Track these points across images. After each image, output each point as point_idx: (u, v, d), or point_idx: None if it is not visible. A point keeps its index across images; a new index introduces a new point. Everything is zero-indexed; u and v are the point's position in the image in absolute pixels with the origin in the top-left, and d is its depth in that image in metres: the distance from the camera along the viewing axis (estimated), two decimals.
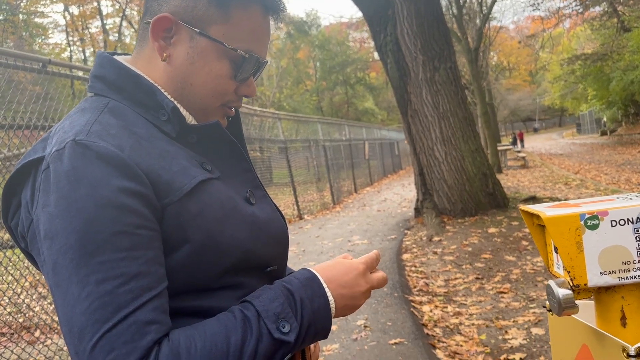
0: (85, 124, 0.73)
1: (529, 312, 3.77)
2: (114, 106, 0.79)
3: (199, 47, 0.81)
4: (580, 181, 12.07)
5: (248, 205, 0.84)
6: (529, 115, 65.12)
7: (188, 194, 0.74)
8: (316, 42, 39.35)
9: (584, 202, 1.05)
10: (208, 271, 0.75)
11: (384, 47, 7.49)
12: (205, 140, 0.84)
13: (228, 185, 0.83)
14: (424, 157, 7.50)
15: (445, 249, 5.96)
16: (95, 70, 0.83)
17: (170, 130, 0.80)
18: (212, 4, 0.80)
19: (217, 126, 0.83)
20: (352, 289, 0.84)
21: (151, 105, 0.80)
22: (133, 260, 0.66)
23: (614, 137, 29.13)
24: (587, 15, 27.25)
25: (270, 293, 0.76)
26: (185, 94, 0.84)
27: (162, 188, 0.72)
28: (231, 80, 0.85)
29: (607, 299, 0.99)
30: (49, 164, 0.70)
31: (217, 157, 0.85)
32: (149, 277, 0.67)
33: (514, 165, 18.76)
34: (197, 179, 0.76)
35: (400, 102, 7.63)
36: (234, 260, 0.78)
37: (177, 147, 0.79)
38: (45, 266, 0.69)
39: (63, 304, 0.66)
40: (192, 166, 0.78)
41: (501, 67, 44.47)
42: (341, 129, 16.53)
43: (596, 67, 27.72)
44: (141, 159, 0.72)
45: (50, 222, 0.67)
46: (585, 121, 43.56)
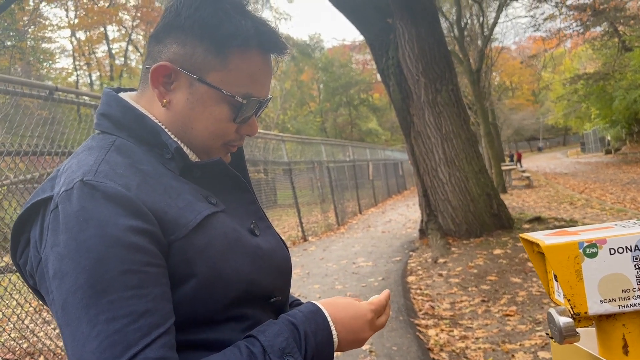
0: (93, 164, 0.75)
1: (536, 336, 3.73)
2: (120, 144, 0.81)
3: (198, 93, 0.83)
4: (585, 200, 12.01)
5: (252, 237, 0.86)
6: (532, 135, 65.15)
7: (194, 229, 0.76)
8: (320, 65, 39.77)
9: (582, 229, 1.06)
10: (213, 304, 0.77)
11: (386, 70, 7.58)
12: (208, 175, 0.86)
13: (232, 217, 0.85)
14: (428, 178, 7.51)
15: (450, 271, 5.92)
16: (102, 109, 0.86)
17: (174, 167, 0.82)
18: (210, 52, 0.82)
19: (219, 163, 0.86)
20: (357, 334, 0.86)
21: (155, 143, 0.83)
22: (141, 298, 0.68)
23: (619, 156, 29.06)
24: (588, 35, 27.46)
25: (275, 328, 0.78)
26: (187, 135, 0.86)
27: (168, 225, 0.74)
28: (231, 123, 0.86)
29: (609, 327, 0.99)
30: (57, 204, 0.71)
31: (222, 190, 0.87)
32: (157, 314, 0.69)
33: (518, 185, 18.70)
34: (203, 214, 0.78)
35: (403, 124, 7.68)
36: (238, 292, 0.79)
37: (182, 182, 0.82)
38: (54, 305, 0.70)
39: (73, 342, 0.67)
40: (198, 200, 0.80)
41: (504, 87, 44.66)
42: (345, 150, 16.60)
43: (599, 86, 27.81)
44: (147, 196, 0.74)
45: (59, 261, 0.68)
46: (589, 140, 43.53)
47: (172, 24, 0.83)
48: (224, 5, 0.83)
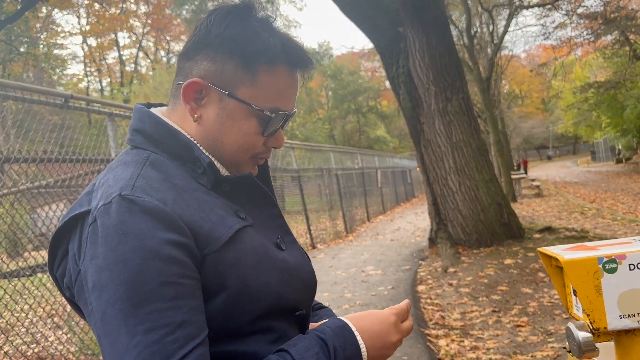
0: (130, 179, 0.77)
1: (547, 347, 3.69)
2: (154, 159, 0.83)
3: (228, 108, 0.86)
4: (596, 210, 11.91)
5: (279, 251, 0.88)
6: (542, 143, 64.76)
7: (226, 243, 0.78)
8: (328, 72, 39.91)
9: (601, 244, 1.06)
10: (242, 317, 0.79)
11: (396, 78, 7.59)
12: (237, 189, 0.88)
13: (260, 231, 0.87)
14: (438, 187, 7.49)
15: (461, 281, 5.89)
16: (135, 124, 0.88)
17: (205, 182, 0.85)
18: (240, 68, 0.85)
19: (249, 178, 0.88)
20: (384, 339, 0.87)
21: (188, 158, 0.85)
22: (178, 310, 0.70)
23: (630, 165, 28.81)
24: (599, 44, 27.32)
25: (306, 342, 0.79)
26: (217, 149, 0.88)
27: (202, 239, 0.76)
28: (259, 136, 0.89)
29: (628, 342, 0.99)
30: (95, 217, 0.74)
31: (249, 204, 0.90)
32: (193, 325, 0.71)
33: (528, 194, 18.59)
34: (234, 228, 0.80)
35: (413, 132, 7.68)
36: (266, 305, 0.81)
37: (214, 197, 0.84)
38: (94, 316, 0.72)
39: (111, 353, 0.69)
40: (228, 215, 0.82)
41: (513, 95, 44.52)
42: (353, 157, 16.61)
43: (609, 94, 27.64)
44: (182, 211, 0.76)
45: (98, 274, 0.71)
46: (600, 149, 43.18)
47: (203, 41, 0.86)
48: (253, 23, 0.85)
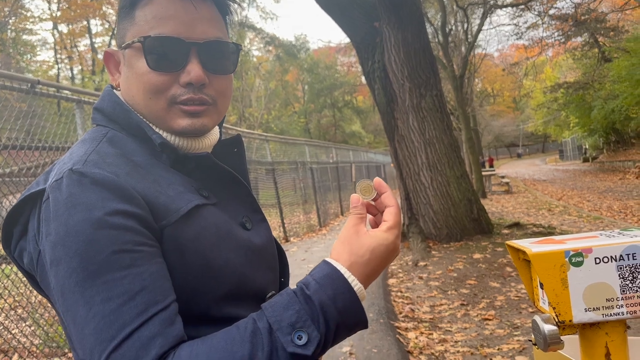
0: (83, 154, 0.76)
1: (514, 340, 3.77)
2: (112, 136, 0.82)
3: (127, 60, 0.85)
4: (563, 207, 12.24)
5: (244, 231, 0.85)
6: (512, 141, 66.17)
7: (184, 216, 0.75)
8: (305, 65, 39.80)
9: (568, 238, 1.07)
10: (205, 298, 0.76)
11: (371, 73, 7.61)
12: (202, 168, 0.86)
13: (225, 210, 0.84)
14: (410, 182, 7.56)
15: (430, 274, 5.97)
16: (97, 103, 0.88)
17: (165, 160, 0.82)
18: (126, 18, 0.85)
19: (208, 158, 0.85)
20: (383, 267, 0.79)
21: (146, 138, 0.83)
22: (137, 277, 0.67)
23: (596, 164, 29.69)
24: (569, 45, 28.04)
25: (284, 299, 0.71)
26: (137, 108, 0.85)
27: (159, 210, 0.74)
28: (153, 72, 0.81)
29: (592, 335, 1.01)
30: (48, 194, 0.72)
31: (215, 183, 0.87)
32: (154, 291, 0.68)
33: (498, 190, 18.96)
34: (193, 202, 0.78)
35: (388, 127, 7.72)
36: (230, 285, 0.78)
37: (174, 174, 0.81)
38: (55, 294, 0.70)
39: (74, 328, 0.67)
40: (188, 191, 0.80)
41: (485, 93, 45.30)
42: (328, 151, 16.62)
43: (578, 95, 28.41)
44: (137, 183, 0.74)
45: (53, 249, 0.68)
46: (568, 148, 44.37)
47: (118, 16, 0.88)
48: None
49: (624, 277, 0.96)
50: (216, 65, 0.85)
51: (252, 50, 37.51)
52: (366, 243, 0.77)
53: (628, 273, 0.95)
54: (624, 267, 0.96)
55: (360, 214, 0.81)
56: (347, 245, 0.77)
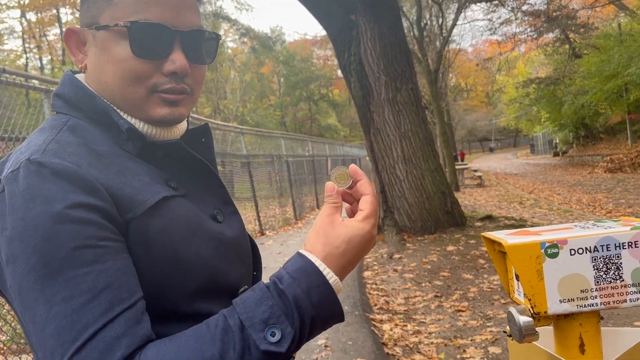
0: (42, 143, 0.71)
1: (487, 331, 3.83)
2: (73, 124, 0.77)
3: (100, 43, 0.79)
4: (534, 201, 12.50)
5: (214, 223, 0.81)
6: (485, 135, 67.27)
7: (151, 208, 0.71)
8: (280, 58, 39.56)
9: (544, 230, 1.07)
10: (174, 294, 0.72)
11: (347, 66, 7.59)
12: (170, 157, 0.82)
13: (195, 202, 0.81)
14: (386, 175, 7.60)
15: (405, 267, 6.01)
16: (58, 89, 0.82)
17: (131, 148, 0.78)
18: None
19: (178, 145, 0.81)
20: (359, 257, 0.76)
21: (110, 124, 0.78)
22: (100, 274, 0.63)
23: (566, 158, 30.44)
24: (541, 41, 28.59)
25: (257, 294, 0.68)
26: (107, 97, 0.80)
27: (123, 202, 0.70)
28: (136, 59, 0.77)
29: (566, 326, 1.01)
30: (4, 186, 0.67)
31: (185, 173, 0.83)
32: (119, 289, 0.64)
33: (470, 184, 19.25)
34: (160, 194, 0.74)
35: (363, 120, 7.73)
36: (201, 280, 0.74)
37: (140, 164, 0.77)
38: (12, 293, 0.65)
39: (33, 328, 0.62)
40: (155, 182, 0.76)
41: (459, 88, 45.89)
42: (304, 144, 16.58)
43: (549, 90, 29.03)
44: (100, 174, 0.70)
45: (9, 245, 0.64)
46: (539, 142, 45.35)
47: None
48: None
49: (598, 268, 0.96)
50: (197, 54, 0.82)
51: (227, 41, 37.08)
52: (342, 233, 0.74)
53: (602, 264, 0.96)
54: (598, 259, 0.96)
55: (335, 202, 0.78)
56: (321, 236, 0.74)
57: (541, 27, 24.23)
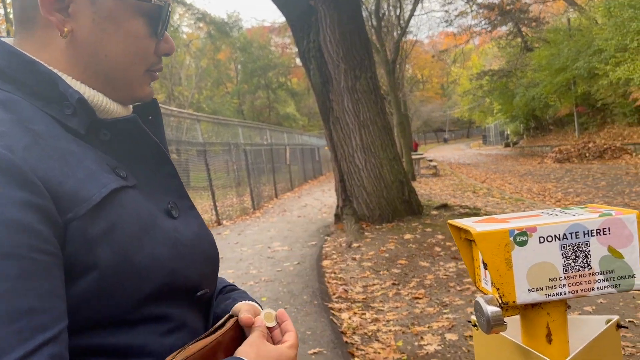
0: None
1: (443, 318, 3.88)
2: (5, 98, 0.64)
3: (105, 10, 0.68)
4: (487, 190, 12.86)
5: (169, 219, 0.72)
6: (440, 126, 68.78)
7: (97, 206, 0.61)
8: (238, 44, 38.82)
9: (511, 217, 1.04)
10: (124, 300, 0.63)
11: (307, 53, 7.50)
12: (120, 138, 0.71)
13: (146, 194, 0.71)
14: (345, 164, 7.59)
15: (363, 255, 6.03)
16: None
17: (76, 125, 0.66)
18: None
19: (133, 121, 0.71)
20: None
21: (52, 97, 0.66)
22: (24, 293, 0.53)
23: (517, 149, 31.52)
24: (495, 34, 29.36)
25: None
26: (100, 70, 0.70)
27: (64, 199, 0.59)
28: (151, 38, 0.73)
29: (534, 316, 0.99)
30: None
31: (135, 160, 0.73)
32: (45, 315, 0.54)
33: (426, 173, 19.62)
34: (109, 187, 0.64)
35: (323, 109, 7.67)
36: (156, 285, 0.65)
37: (85, 147, 0.66)
38: None
39: None
40: (102, 171, 0.65)
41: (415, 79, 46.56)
42: (262, 133, 16.37)
43: (502, 82, 29.90)
44: (38, 162, 0.59)
45: None
46: (491, 133, 46.76)
47: None
48: None
49: (567, 256, 0.93)
50: None
51: (182, 26, 36.05)
52: (272, 350, 0.73)
53: (571, 252, 0.93)
54: (567, 246, 0.93)
55: (264, 332, 0.77)
56: (254, 347, 0.72)
57: (495, 20, 24.87)
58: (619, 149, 16.88)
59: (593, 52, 18.76)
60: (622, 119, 19.75)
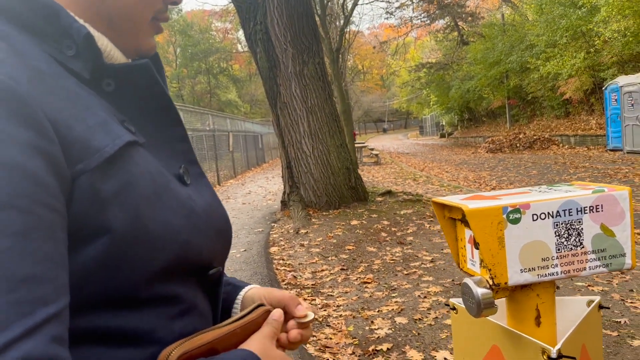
0: None
1: (392, 302, 3.91)
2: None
3: None
4: (426, 178, 13.21)
5: (182, 186, 0.62)
6: (379, 117, 70.11)
7: (110, 159, 0.51)
8: (177, 27, 37.46)
9: (500, 194, 1.00)
10: (134, 274, 0.53)
11: (253, 35, 7.29)
12: (125, 90, 0.60)
13: (156, 155, 0.61)
14: (292, 150, 7.49)
15: (311, 241, 6.00)
16: None
17: (80, 68, 0.55)
18: None
19: (146, 69, 0.60)
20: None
21: (50, 33, 0.55)
22: (25, 255, 0.42)
23: (451, 139, 32.67)
24: (433, 27, 30.14)
25: None
26: (104, 11, 0.60)
27: (74, 147, 0.49)
28: None
29: (523, 297, 0.95)
30: None
31: (142, 116, 0.62)
32: (48, 285, 0.43)
33: (368, 162, 19.91)
34: (123, 139, 0.54)
35: (270, 93, 7.51)
36: (168, 257, 0.56)
37: (91, 94, 0.55)
38: None
39: None
40: (113, 122, 0.55)
41: (356, 70, 47.06)
42: (204, 118, 15.89)
43: (439, 75, 30.83)
44: (44, 98, 0.48)
45: None
46: (427, 124, 48.22)
47: None
48: None
49: (560, 234, 0.90)
50: None
51: None
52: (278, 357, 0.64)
53: (564, 230, 0.90)
54: (560, 224, 0.90)
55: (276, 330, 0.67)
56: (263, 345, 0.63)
57: (433, 14, 25.48)
58: (547, 140, 17.88)
59: (525, 47, 19.69)
60: (550, 111, 20.93)
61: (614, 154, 13.34)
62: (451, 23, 28.37)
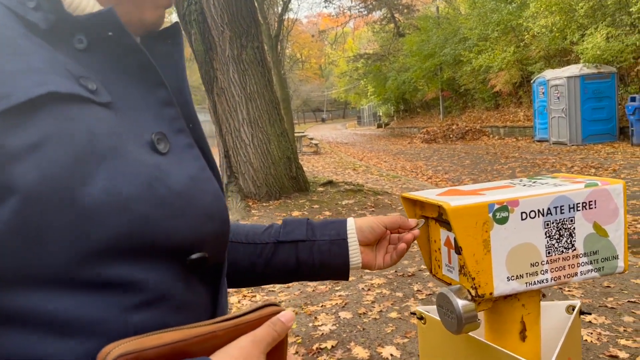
0: None
1: (336, 296, 3.82)
2: None
3: None
4: (365, 167, 13.30)
5: (152, 154, 0.54)
6: (318, 106, 70.28)
7: (19, 107, 0.45)
8: None
9: (479, 188, 0.86)
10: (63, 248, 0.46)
11: (188, 16, 6.89)
12: (100, 49, 0.55)
13: (124, 118, 0.54)
14: (230, 139, 7.20)
15: None
16: None
17: (39, 19, 0.51)
18: None
19: (110, 16, 0.53)
20: None
21: None
22: None
23: (388, 130, 33.28)
24: (370, 19, 30.45)
25: None
26: None
27: None
28: None
29: (506, 308, 0.82)
30: None
31: (118, 77, 0.56)
32: None
33: (308, 151, 19.82)
34: (46, 87, 0.47)
35: (206, 78, 7.15)
36: (112, 232, 0.48)
37: (40, 46, 0.50)
38: None
39: None
40: (51, 72, 0.48)
41: (295, 58, 46.83)
42: None
43: (376, 66, 31.22)
44: None
45: None
46: (365, 114, 48.88)
47: None
48: None
49: (550, 235, 0.78)
50: None
51: None
52: None
53: (554, 230, 0.78)
54: (550, 223, 0.78)
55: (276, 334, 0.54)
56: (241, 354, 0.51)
57: (370, 5, 25.69)
58: (479, 131, 18.57)
59: (459, 40, 20.29)
60: (481, 103, 21.74)
61: (540, 144, 14.05)
62: (388, 14, 28.74)
